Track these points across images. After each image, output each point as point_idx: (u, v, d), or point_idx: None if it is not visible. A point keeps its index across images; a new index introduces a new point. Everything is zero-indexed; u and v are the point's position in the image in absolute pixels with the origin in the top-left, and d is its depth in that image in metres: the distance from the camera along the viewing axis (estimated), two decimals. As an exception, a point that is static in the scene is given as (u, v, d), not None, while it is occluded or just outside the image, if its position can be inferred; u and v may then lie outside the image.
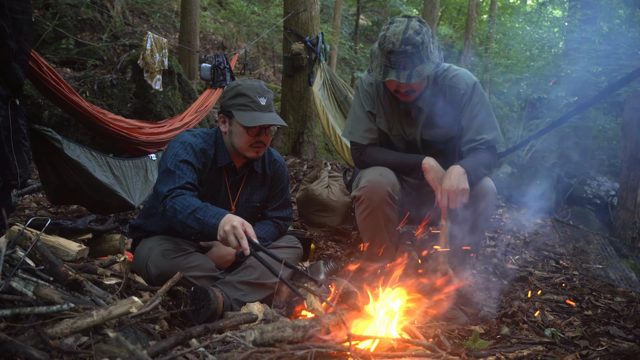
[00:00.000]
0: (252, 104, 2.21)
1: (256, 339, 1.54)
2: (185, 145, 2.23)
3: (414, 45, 2.12)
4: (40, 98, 4.62)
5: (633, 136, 4.53)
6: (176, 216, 2.02)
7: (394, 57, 2.14)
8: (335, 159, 5.77)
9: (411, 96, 2.30)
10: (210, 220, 1.97)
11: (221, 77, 4.87)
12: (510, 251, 3.87)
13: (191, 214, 1.99)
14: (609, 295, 2.91)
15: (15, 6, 2.05)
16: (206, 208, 2.01)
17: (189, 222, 2.00)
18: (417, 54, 2.14)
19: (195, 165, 2.22)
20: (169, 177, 2.14)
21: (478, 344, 1.97)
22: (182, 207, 2.02)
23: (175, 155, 2.19)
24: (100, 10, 7.47)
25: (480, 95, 2.39)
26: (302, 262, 2.77)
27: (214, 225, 1.95)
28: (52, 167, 2.71)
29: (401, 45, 2.11)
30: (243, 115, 2.19)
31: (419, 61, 2.15)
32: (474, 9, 11.93)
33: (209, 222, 1.97)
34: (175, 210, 2.02)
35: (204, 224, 1.98)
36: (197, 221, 1.99)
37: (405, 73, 2.14)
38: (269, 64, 12.25)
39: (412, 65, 2.15)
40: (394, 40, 2.12)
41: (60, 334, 1.33)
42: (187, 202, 2.04)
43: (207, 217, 1.98)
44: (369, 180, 2.32)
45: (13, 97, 2.11)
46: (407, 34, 2.12)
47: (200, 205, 2.02)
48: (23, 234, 1.89)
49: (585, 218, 6.53)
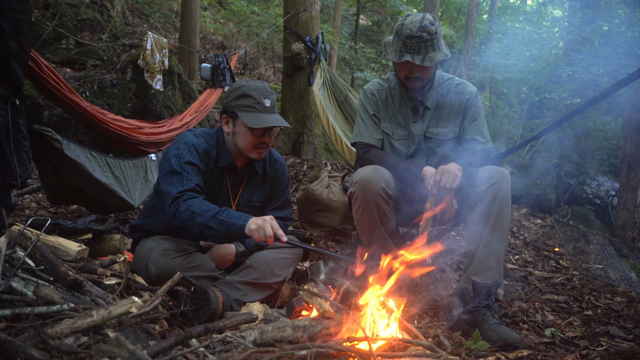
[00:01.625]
0: (257, 105, 2.21)
1: (256, 339, 1.54)
2: (189, 146, 2.22)
3: (429, 32, 2.34)
4: (40, 98, 4.61)
5: (633, 136, 4.53)
6: (195, 219, 2.03)
7: (410, 41, 2.36)
8: (335, 159, 5.77)
9: (419, 84, 2.49)
10: (236, 221, 2.02)
11: (221, 77, 4.86)
12: (510, 251, 3.87)
13: (213, 217, 2.02)
14: (609, 295, 2.91)
15: (15, 6, 2.05)
16: (228, 211, 2.06)
17: (211, 224, 2.02)
18: (430, 42, 2.36)
19: (200, 166, 2.22)
20: (176, 178, 2.14)
21: (478, 345, 1.97)
22: (201, 210, 2.04)
23: (180, 157, 2.18)
24: (100, 10, 7.47)
25: (480, 105, 2.62)
26: (302, 262, 2.77)
27: (241, 225, 2.00)
28: (52, 167, 2.71)
29: (418, 31, 2.34)
30: (248, 116, 2.19)
31: (431, 49, 2.38)
32: (474, 9, 11.92)
33: (235, 224, 2.01)
34: (194, 213, 2.03)
35: (228, 225, 2.01)
36: (220, 223, 2.02)
37: (419, 57, 2.37)
38: (269, 64, 12.25)
39: (425, 51, 2.37)
40: (412, 27, 2.35)
41: (60, 334, 1.33)
42: (206, 205, 2.06)
43: (231, 219, 2.02)
44: (362, 177, 2.37)
45: (13, 97, 2.11)
46: (423, 22, 2.35)
47: (222, 208, 2.06)
48: (23, 234, 1.89)
49: (585, 218, 6.53)
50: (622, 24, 6.53)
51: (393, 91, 2.63)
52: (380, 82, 2.68)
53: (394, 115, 2.61)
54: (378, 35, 14.63)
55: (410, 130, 2.60)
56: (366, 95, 2.66)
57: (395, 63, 2.49)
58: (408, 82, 2.50)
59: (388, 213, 2.40)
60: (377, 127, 2.62)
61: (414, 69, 2.42)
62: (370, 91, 2.65)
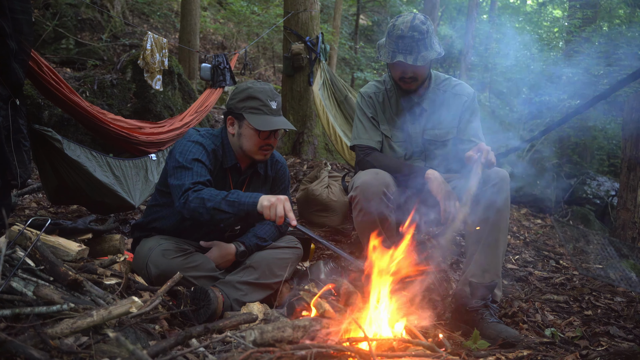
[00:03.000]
0: (264, 107, 2.22)
1: (256, 339, 1.54)
2: (197, 145, 2.23)
3: (420, 32, 2.35)
4: (40, 98, 4.61)
5: (633, 136, 4.53)
6: (204, 205, 2.04)
7: (402, 41, 2.36)
8: (335, 159, 5.77)
9: (414, 84, 2.49)
10: (247, 200, 2.02)
11: (221, 77, 4.85)
12: (510, 251, 3.87)
13: (224, 199, 2.03)
14: (609, 295, 2.92)
15: (15, 6, 2.05)
16: (237, 192, 2.07)
17: (222, 207, 2.02)
18: (422, 41, 2.36)
19: (208, 165, 2.23)
20: (187, 172, 2.15)
21: (478, 344, 1.97)
22: (210, 196, 2.05)
23: (189, 153, 2.19)
24: (100, 10, 7.47)
25: (477, 106, 2.62)
26: (302, 262, 2.77)
27: (253, 203, 2.01)
28: (52, 167, 2.71)
29: (409, 31, 2.34)
30: (255, 118, 2.20)
31: (424, 47, 2.37)
32: (474, 9, 11.90)
33: (247, 202, 2.02)
34: (204, 200, 2.04)
35: (239, 204, 2.02)
36: (231, 204, 2.02)
37: (412, 57, 2.36)
38: (269, 64, 12.24)
39: (417, 51, 2.37)
40: (403, 27, 2.36)
41: (60, 334, 1.33)
42: (215, 191, 2.07)
43: (241, 199, 2.03)
44: (364, 181, 2.37)
45: (13, 97, 2.11)
46: (414, 22, 2.36)
47: (231, 191, 2.07)
48: (23, 234, 1.89)
49: (585, 218, 6.52)
50: (622, 24, 6.53)
51: (390, 93, 2.62)
52: (376, 84, 2.68)
53: (391, 117, 2.61)
54: (378, 35, 14.62)
55: (408, 133, 2.60)
56: (363, 98, 2.65)
57: (388, 64, 2.50)
58: (403, 83, 2.50)
59: (389, 217, 2.40)
60: (376, 130, 2.61)
61: (408, 69, 2.42)
62: (368, 94, 2.65)
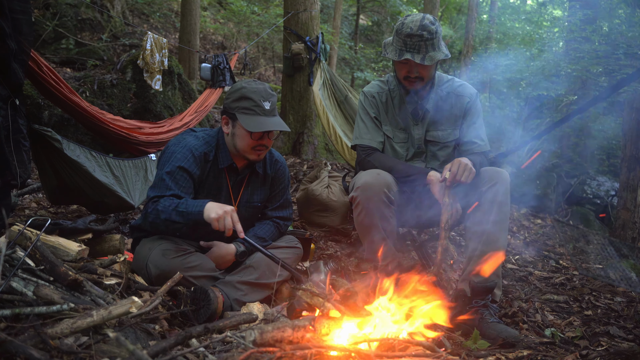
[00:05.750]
0: (257, 108, 2.20)
1: (256, 339, 1.54)
2: (185, 150, 2.24)
3: (429, 32, 2.34)
4: (40, 98, 4.61)
5: (633, 136, 4.53)
6: (159, 216, 2.11)
7: (410, 40, 2.35)
8: (335, 159, 5.77)
9: (418, 84, 2.48)
10: (193, 209, 2.07)
11: (221, 77, 4.85)
12: (510, 251, 3.87)
13: (174, 210, 2.09)
14: (609, 295, 2.91)
15: (15, 6, 2.04)
16: (186, 201, 2.11)
17: (172, 218, 2.08)
18: (430, 41, 2.35)
19: (192, 171, 2.23)
20: (159, 183, 2.20)
21: (478, 344, 1.97)
22: (164, 207, 2.11)
23: (174, 160, 2.21)
24: (100, 10, 7.47)
25: (479, 107, 2.61)
26: (302, 262, 2.77)
27: (199, 212, 2.05)
28: (52, 167, 2.70)
29: (418, 30, 2.33)
30: (247, 119, 2.19)
31: (432, 48, 2.37)
32: (474, 9, 11.90)
33: (193, 211, 2.06)
34: (158, 211, 2.11)
35: (187, 214, 2.07)
36: (180, 214, 2.08)
37: (419, 56, 2.36)
38: (269, 64, 12.24)
39: (425, 50, 2.36)
40: (412, 26, 2.35)
41: (60, 334, 1.33)
42: (169, 201, 2.12)
43: (189, 208, 2.08)
44: (365, 182, 2.36)
45: (13, 97, 2.11)
46: (424, 22, 2.35)
47: (181, 201, 2.11)
48: (23, 234, 1.89)
49: (585, 218, 6.53)
50: (622, 24, 6.52)
51: (393, 94, 2.62)
52: (379, 84, 2.67)
53: (394, 118, 2.61)
54: (378, 35, 14.63)
55: (410, 133, 2.59)
56: (366, 97, 2.65)
57: (394, 62, 2.49)
58: (407, 82, 2.49)
59: (389, 217, 2.39)
60: (378, 130, 2.61)
61: (414, 68, 2.42)
62: (371, 94, 2.64)
